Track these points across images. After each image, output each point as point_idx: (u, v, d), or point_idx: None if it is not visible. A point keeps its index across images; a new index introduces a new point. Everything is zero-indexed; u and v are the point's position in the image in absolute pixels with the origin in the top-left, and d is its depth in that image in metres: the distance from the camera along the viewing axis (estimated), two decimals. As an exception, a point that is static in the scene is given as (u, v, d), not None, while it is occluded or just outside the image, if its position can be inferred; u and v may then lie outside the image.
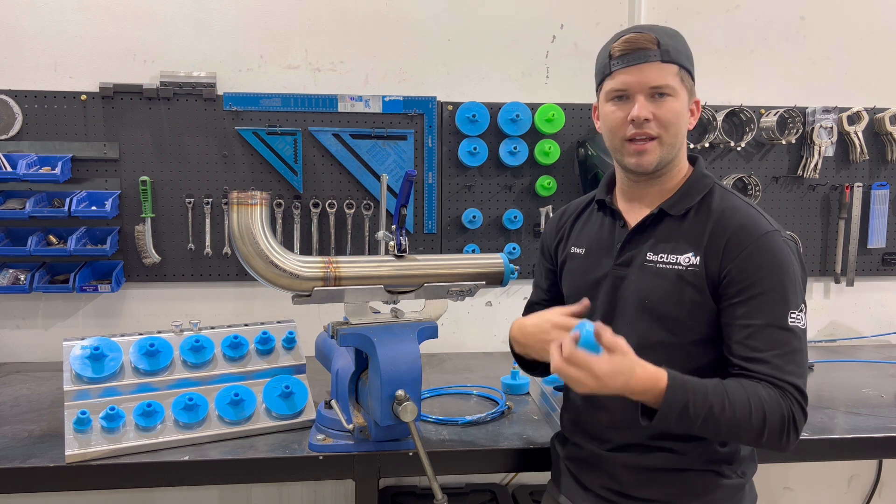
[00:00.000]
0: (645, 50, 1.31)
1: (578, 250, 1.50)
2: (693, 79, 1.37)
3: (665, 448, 1.36)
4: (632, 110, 1.32)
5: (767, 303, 1.25)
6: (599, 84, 1.40)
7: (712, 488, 1.36)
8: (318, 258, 1.57)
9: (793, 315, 1.25)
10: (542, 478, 1.67)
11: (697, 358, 1.33)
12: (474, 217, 2.52)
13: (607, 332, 1.17)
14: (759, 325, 1.25)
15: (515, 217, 2.54)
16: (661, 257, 1.35)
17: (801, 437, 1.25)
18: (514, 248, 2.56)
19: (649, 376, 1.21)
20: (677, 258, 1.33)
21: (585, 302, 1.34)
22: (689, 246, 1.33)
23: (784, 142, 2.58)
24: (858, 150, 2.64)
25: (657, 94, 1.31)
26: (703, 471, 1.36)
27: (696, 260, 1.31)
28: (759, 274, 1.26)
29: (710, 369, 1.32)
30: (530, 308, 1.70)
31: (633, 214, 1.42)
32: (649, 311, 1.35)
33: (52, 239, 2.34)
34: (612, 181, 1.50)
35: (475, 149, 2.47)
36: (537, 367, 1.56)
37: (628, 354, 1.19)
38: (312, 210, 2.46)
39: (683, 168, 1.41)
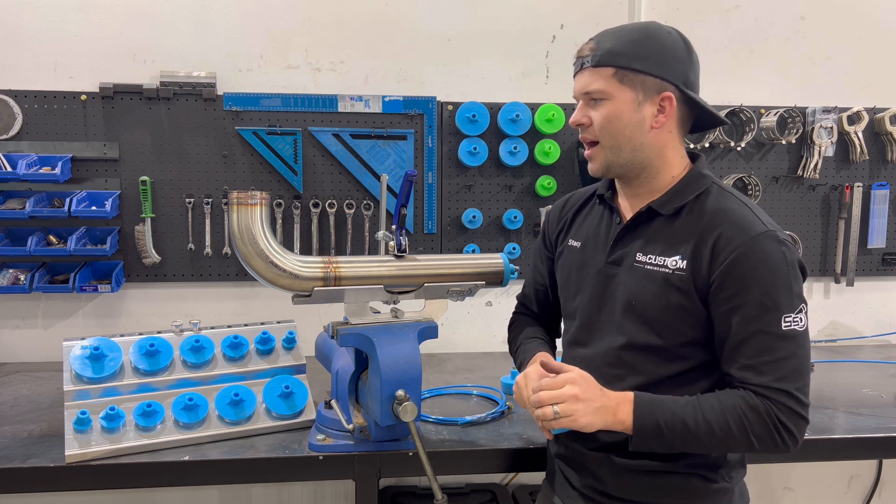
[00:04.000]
0: (582, 57, 1.35)
1: (575, 243, 1.49)
2: (655, 75, 1.29)
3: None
4: None
5: (757, 309, 1.22)
6: None
7: (697, 492, 1.36)
8: (318, 258, 1.57)
9: (787, 319, 1.22)
10: (541, 478, 1.66)
11: (686, 360, 1.32)
12: (474, 217, 2.52)
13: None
14: (750, 333, 1.23)
15: (515, 217, 2.54)
16: (650, 258, 1.33)
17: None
18: (514, 248, 2.56)
19: (618, 393, 1.28)
20: (665, 260, 1.31)
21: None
22: (678, 248, 1.30)
23: (784, 142, 2.58)
24: (858, 150, 2.64)
25: (591, 99, 1.34)
26: (688, 474, 1.35)
27: (682, 263, 1.29)
28: (748, 279, 1.23)
29: (700, 371, 1.31)
30: (528, 299, 1.69)
31: (630, 212, 1.41)
32: (636, 313, 1.34)
33: (52, 239, 2.34)
34: None
35: (475, 149, 2.47)
36: None
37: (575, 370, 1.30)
38: (312, 210, 2.46)
39: (674, 168, 1.37)
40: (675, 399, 1.26)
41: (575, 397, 1.23)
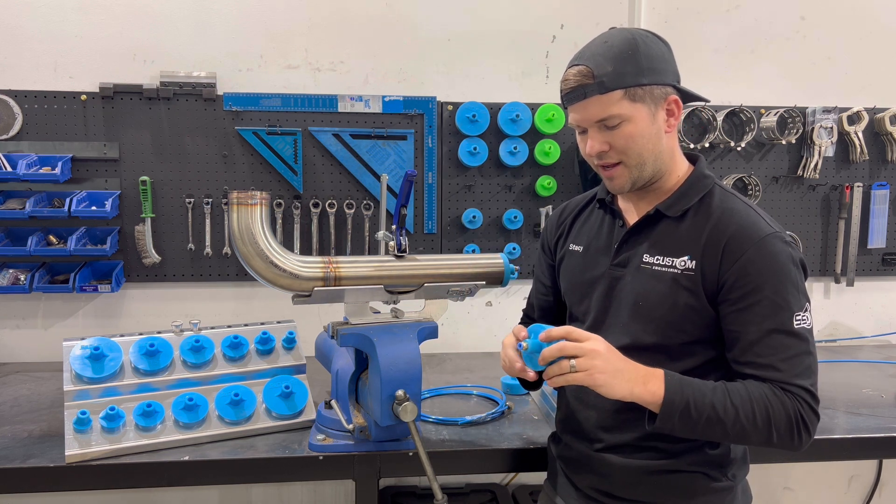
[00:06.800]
0: (582, 86, 1.29)
1: (577, 248, 1.50)
2: (659, 83, 1.29)
3: (654, 449, 1.36)
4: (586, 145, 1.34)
5: (770, 308, 1.24)
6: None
7: (701, 491, 1.36)
8: (318, 258, 1.57)
9: (798, 317, 1.24)
10: (542, 478, 1.66)
11: (692, 357, 1.32)
12: (474, 217, 2.52)
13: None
14: (764, 332, 1.24)
15: (515, 217, 2.54)
16: (658, 259, 1.34)
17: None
18: (514, 248, 2.56)
19: (645, 367, 1.25)
20: (673, 261, 1.32)
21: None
22: (686, 249, 1.32)
23: (784, 142, 2.58)
24: (858, 150, 2.64)
25: (604, 126, 1.30)
26: (692, 473, 1.35)
27: (692, 264, 1.30)
28: (759, 279, 1.25)
29: (702, 371, 1.31)
30: (530, 306, 1.69)
31: (633, 214, 1.42)
32: (643, 314, 1.34)
33: (52, 239, 2.34)
34: None
35: (475, 149, 2.47)
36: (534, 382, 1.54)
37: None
38: (312, 210, 2.46)
39: (679, 170, 1.39)
40: (704, 381, 1.25)
41: (595, 352, 1.21)
